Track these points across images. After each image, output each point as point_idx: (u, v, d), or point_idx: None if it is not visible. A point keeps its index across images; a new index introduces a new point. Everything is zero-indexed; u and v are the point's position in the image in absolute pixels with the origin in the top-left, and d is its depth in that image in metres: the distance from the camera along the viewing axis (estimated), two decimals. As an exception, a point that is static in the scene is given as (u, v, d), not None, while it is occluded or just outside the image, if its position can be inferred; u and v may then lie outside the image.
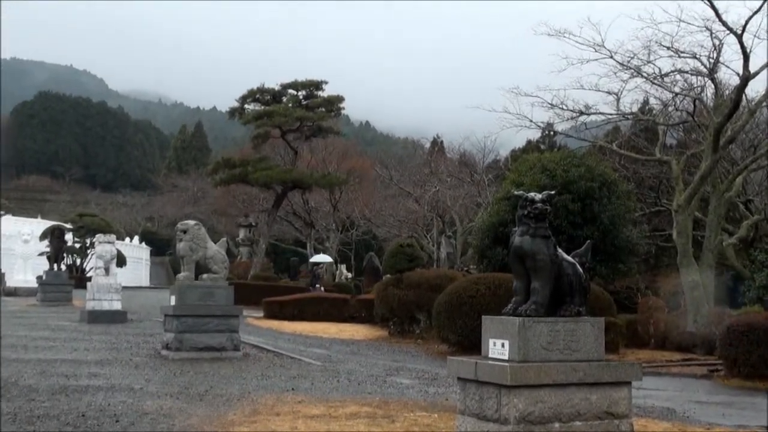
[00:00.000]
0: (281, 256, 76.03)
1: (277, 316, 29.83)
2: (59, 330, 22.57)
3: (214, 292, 17.50)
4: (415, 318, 25.49)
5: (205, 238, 17.98)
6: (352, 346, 22.69)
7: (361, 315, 30.02)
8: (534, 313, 7.39)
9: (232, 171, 47.54)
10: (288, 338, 23.71)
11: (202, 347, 17.09)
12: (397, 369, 16.95)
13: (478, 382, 7.39)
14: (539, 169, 25.81)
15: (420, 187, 53.42)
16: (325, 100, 49.08)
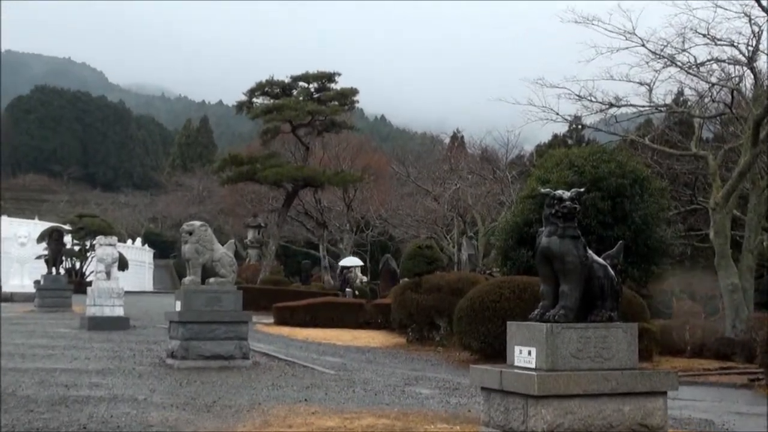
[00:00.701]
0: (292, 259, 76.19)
1: (288, 323, 29.87)
2: (58, 337, 22.68)
3: (221, 297, 17.54)
4: (434, 324, 25.47)
5: (212, 240, 18.02)
6: (367, 353, 22.70)
7: (377, 321, 30.01)
8: (563, 319, 7.38)
9: (240, 168, 47.63)
10: (300, 346, 23.75)
11: (209, 355, 17.14)
12: (416, 378, 16.94)
13: (503, 392, 7.39)
14: (566, 165, 25.75)
15: (439, 185, 53.35)
16: (338, 93, 49.09)
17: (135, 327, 26.70)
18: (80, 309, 32.16)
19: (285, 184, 48.01)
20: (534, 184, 25.58)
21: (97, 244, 28.39)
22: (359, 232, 67.19)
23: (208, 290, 17.54)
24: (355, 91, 49.44)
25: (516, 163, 54.89)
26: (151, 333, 25.01)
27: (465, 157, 57.19)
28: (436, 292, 25.30)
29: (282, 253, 70.82)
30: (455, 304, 22.14)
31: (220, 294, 17.55)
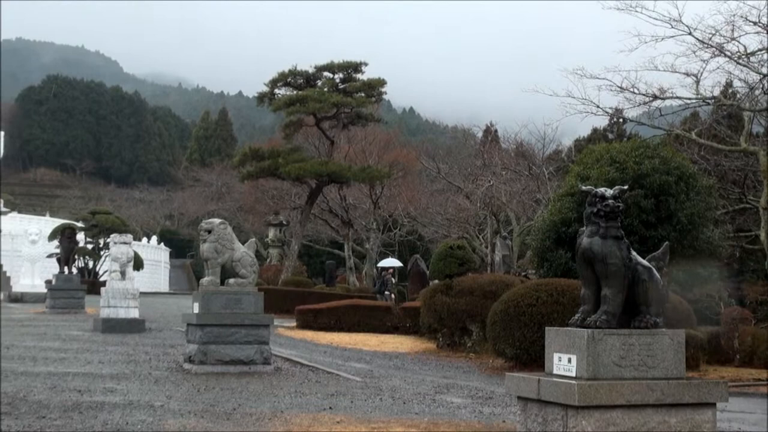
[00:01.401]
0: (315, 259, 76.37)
1: (312, 326, 29.94)
2: (71, 340, 22.87)
3: (241, 299, 17.61)
4: (466, 329, 25.43)
5: (232, 239, 18.09)
6: (395, 360, 22.71)
7: (405, 325, 30.02)
8: (605, 325, 7.35)
9: (261, 163, 47.76)
10: (324, 351, 23.80)
11: (228, 360, 17.22)
12: (447, 386, 16.93)
13: (541, 401, 7.36)
14: (607, 161, 25.61)
15: (471, 182, 53.20)
16: (364, 84, 49.10)
17: (150, 330, 26.86)
18: (93, 310, 32.40)
19: (308, 180, 48.08)
20: (573, 181, 25.47)
21: (112, 242, 28.53)
22: (386, 231, 67.21)
23: (228, 292, 17.61)
24: (383, 81, 49.43)
25: (553, 159, 54.63)
26: (168, 336, 25.16)
27: (499, 152, 56.97)
28: (468, 295, 25.25)
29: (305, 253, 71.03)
30: (488, 308, 22.09)
31: (240, 296, 17.62)
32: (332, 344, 25.99)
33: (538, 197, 47.29)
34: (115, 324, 25.91)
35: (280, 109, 49.42)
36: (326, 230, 66.66)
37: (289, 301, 36.41)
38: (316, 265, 75.03)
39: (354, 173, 47.57)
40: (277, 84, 49.37)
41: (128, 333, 25.23)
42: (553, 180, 46.18)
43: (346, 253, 56.85)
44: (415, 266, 47.37)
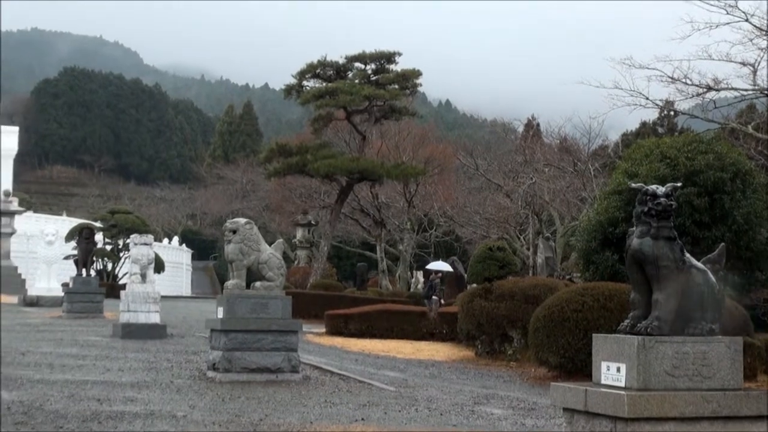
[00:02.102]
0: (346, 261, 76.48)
1: (342, 332, 29.96)
2: (89, 346, 23.04)
3: (268, 304, 17.66)
4: (507, 336, 25.36)
5: (258, 240, 18.15)
6: (431, 368, 22.69)
7: (441, 331, 29.95)
8: (656, 331, 7.30)
9: (289, 160, 47.91)
10: (355, 358, 23.82)
11: (254, 368, 17.28)
12: (487, 397, 16.90)
13: (588, 413, 7.33)
14: (657, 156, 25.44)
15: (512, 179, 53.11)
16: (398, 75, 49.11)
17: (172, 335, 27.01)
18: (112, 315, 32.62)
19: (338, 178, 48.15)
20: (620, 178, 25.34)
21: (131, 243, 28.71)
22: (421, 232, 67.21)
23: (254, 296, 17.67)
24: (418, 72, 49.41)
25: (599, 154, 54.39)
26: (190, 342, 25.28)
27: (541, 147, 56.81)
28: (508, 299, 25.18)
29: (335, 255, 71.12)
30: (530, 313, 22.02)
31: (266, 300, 17.67)
32: (364, 351, 26.00)
33: (583, 195, 47.10)
34: (135, 329, 26.06)
35: (308, 102, 49.55)
36: (357, 231, 66.75)
37: (318, 305, 36.44)
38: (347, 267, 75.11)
39: (387, 170, 47.59)
40: (305, 76, 49.49)
41: (149, 339, 25.36)
42: (599, 177, 45.97)
43: (378, 254, 56.89)
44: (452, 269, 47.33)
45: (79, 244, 37.57)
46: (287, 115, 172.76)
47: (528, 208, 50.29)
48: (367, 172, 46.95)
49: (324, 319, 31.64)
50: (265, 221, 77.54)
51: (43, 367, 18.26)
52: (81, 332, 27.31)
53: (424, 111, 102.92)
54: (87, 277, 36.31)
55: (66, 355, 20.55)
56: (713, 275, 7.80)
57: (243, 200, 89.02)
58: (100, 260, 56.83)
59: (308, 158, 46.63)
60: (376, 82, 48.82)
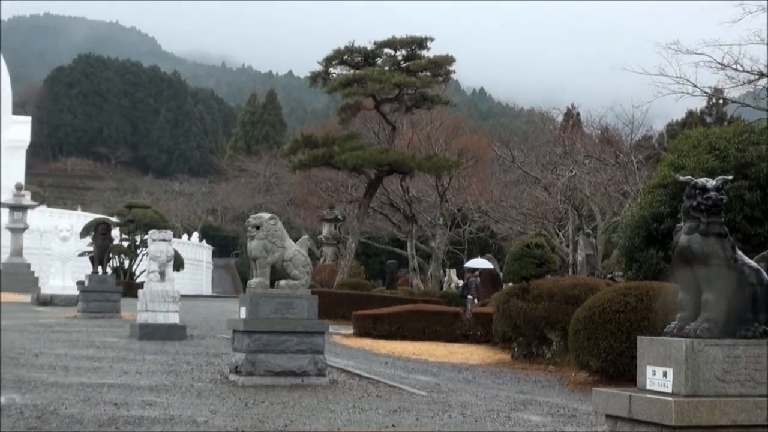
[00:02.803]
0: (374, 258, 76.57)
1: (371, 334, 30.00)
2: (105, 348, 23.19)
3: (293, 303, 17.69)
4: (545, 338, 25.31)
5: (283, 236, 18.18)
6: (465, 372, 22.68)
7: (476, 333, 29.96)
8: (706, 334, 7.26)
9: (314, 151, 47.95)
10: (385, 361, 23.85)
11: (279, 371, 17.32)
12: (524, 402, 16.87)
13: (633, 421, 7.30)
14: (706, 147, 25.29)
15: (550, 171, 52.93)
16: (430, 62, 49.00)
17: (192, 337, 27.13)
18: (130, 315, 32.81)
19: (367, 170, 48.15)
20: (666, 171, 25.21)
21: (150, 239, 28.84)
22: (454, 228, 67.14)
23: (278, 295, 17.70)
24: (451, 59, 49.28)
25: (643, 146, 54.18)
26: (211, 344, 25.39)
27: (581, 138, 56.60)
28: (547, 299, 25.11)
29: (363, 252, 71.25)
30: (570, 314, 21.96)
31: (292, 299, 17.70)
32: (394, 354, 26.03)
33: (625, 189, 46.88)
34: (153, 330, 26.20)
35: (335, 90, 49.54)
36: (387, 226, 66.78)
37: (345, 305, 36.49)
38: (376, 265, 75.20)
39: (418, 162, 47.53)
40: (332, 62, 49.48)
41: (168, 340, 25.48)
42: (642, 170, 45.77)
43: (408, 252, 56.86)
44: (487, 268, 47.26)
45: (95, 240, 37.77)
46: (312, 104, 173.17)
47: (567, 203, 50.12)
48: (397, 164, 46.91)
49: (351, 320, 31.68)
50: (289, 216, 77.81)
51: (58, 369, 18.39)
52: (97, 333, 27.48)
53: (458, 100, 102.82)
54: (103, 275, 36.53)
55: (81, 357, 20.68)
56: (767, 274, 7.75)
57: (266, 194, 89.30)
58: (117, 257, 57.17)
59: (335, 150, 46.64)
60: (407, 69, 48.72)
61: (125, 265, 59.15)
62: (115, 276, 42.89)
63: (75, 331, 27.69)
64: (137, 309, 27.68)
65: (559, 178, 50.65)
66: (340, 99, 51.41)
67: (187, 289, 62.54)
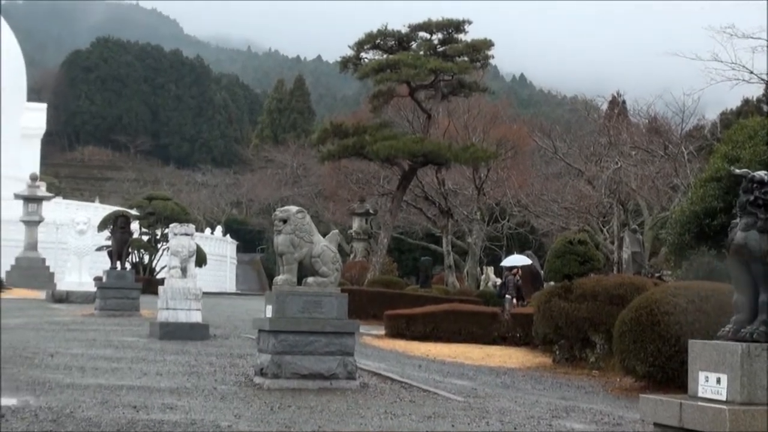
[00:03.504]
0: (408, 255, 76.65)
1: (404, 335, 29.98)
2: (124, 348, 23.31)
3: (322, 302, 17.70)
4: (588, 341, 25.23)
5: (311, 230, 18.19)
6: (504, 376, 22.64)
7: (515, 335, 29.88)
8: (764, 338, 7.20)
9: (345, 141, 47.97)
10: (418, 364, 23.84)
11: (306, 374, 17.33)
12: (566, 409, 16.82)
13: (683, 429, 7.26)
14: (763, 138, 25.12)
15: (594, 163, 52.78)
16: (468, 46, 48.89)
17: (215, 336, 27.22)
18: (149, 313, 32.95)
19: (400, 161, 48.13)
20: (719, 163, 25.06)
21: (171, 233, 28.92)
22: (492, 223, 67.08)
23: (306, 293, 17.71)
24: (490, 43, 49.14)
25: (694, 136, 53.87)
26: (235, 344, 25.46)
27: (628, 127, 56.37)
28: (590, 300, 25.01)
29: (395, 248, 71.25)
30: (615, 315, 21.86)
31: (320, 297, 17.70)
32: (428, 356, 26.01)
33: (675, 182, 46.68)
34: (174, 329, 26.29)
35: (367, 76, 49.52)
36: (421, 221, 66.81)
37: (376, 304, 36.48)
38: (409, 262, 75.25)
39: (454, 153, 47.46)
40: (363, 47, 49.46)
41: (189, 340, 25.56)
42: (693, 162, 45.53)
43: (444, 248, 56.84)
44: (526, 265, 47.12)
45: (114, 233, 37.97)
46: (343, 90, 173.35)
47: (612, 197, 49.95)
48: (432, 154, 46.85)
49: (383, 320, 31.69)
50: (317, 209, 77.92)
51: (74, 370, 18.49)
52: (115, 332, 27.63)
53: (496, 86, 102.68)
54: (122, 270, 36.69)
55: (99, 357, 20.79)
56: (829, 275, 7.67)
57: (293, 186, 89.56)
58: (136, 252, 57.42)
59: (366, 139, 46.62)
60: (443, 54, 48.62)
61: (145, 260, 59.42)
62: (135, 272, 43.05)
63: (92, 330, 27.85)
64: (157, 307, 27.80)
65: (603, 170, 50.48)
66: (372, 85, 51.38)
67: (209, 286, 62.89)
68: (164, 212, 57.57)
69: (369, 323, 33.05)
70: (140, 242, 57.61)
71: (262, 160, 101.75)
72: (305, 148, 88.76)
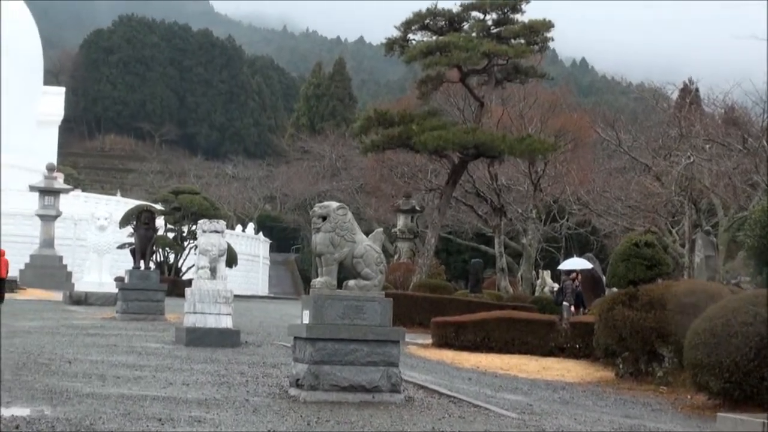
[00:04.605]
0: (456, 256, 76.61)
1: (452, 344, 29.96)
2: (148, 354, 23.44)
3: (364, 307, 17.70)
4: (655, 353, 25.13)
5: (353, 228, 18.19)
6: (561, 391, 22.58)
7: (573, 346, 29.80)
8: None
9: (389, 130, 47.91)
10: (468, 377, 23.83)
11: (346, 386, 17.34)
12: (632, 428, 16.77)
13: (765, 455, 7.21)
14: None
15: (663, 158, 52.48)
16: (524, 28, 48.68)
17: (247, 343, 27.31)
18: (175, 317, 33.13)
19: (450, 153, 48.06)
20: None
21: (199, 230, 29.02)
22: (550, 222, 66.90)
23: (347, 297, 17.72)
24: (549, 24, 48.90)
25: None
26: (269, 352, 25.53)
27: (701, 118, 56.04)
28: (658, 308, 24.92)
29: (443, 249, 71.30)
30: (686, 325, 21.75)
31: (362, 302, 17.70)
32: (479, 368, 25.99)
33: (754, 179, 46.34)
34: (202, 335, 26.40)
35: (414, 59, 49.44)
36: (471, 219, 66.74)
37: (422, 310, 36.52)
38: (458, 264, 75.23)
39: (509, 145, 47.31)
40: (411, 27, 49.39)
41: (219, 347, 25.67)
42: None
43: (496, 249, 56.72)
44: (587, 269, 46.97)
45: (137, 230, 38.25)
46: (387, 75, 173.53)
47: (683, 195, 49.66)
48: (484, 146, 46.74)
49: (430, 328, 31.68)
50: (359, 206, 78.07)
51: (94, 378, 18.61)
52: (138, 337, 27.80)
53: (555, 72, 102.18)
54: (145, 270, 36.91)
55: (121, 365, 20.92)
56: None
57: (332, 180, 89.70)
58: (161, 250, 57.76)
59: (413, 129, 46.56)
60: (498, 36, 48.48)
61: (170, 259, 59.78)
62: (159, 272, 43.38)
63: (113, 335, 28.03)
64: (184, 310, 27.91)
65: (673, 165, 50.19)
66: (419, 70, 51.34)
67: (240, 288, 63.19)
68: (191, 207, 57.89)
69: (414, 331, 33.06)
70: (165, 240, 57.95)
71: (298, 151, 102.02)
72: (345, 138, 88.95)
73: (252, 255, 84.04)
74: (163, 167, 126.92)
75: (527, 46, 48.68)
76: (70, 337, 26.95)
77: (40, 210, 61.50)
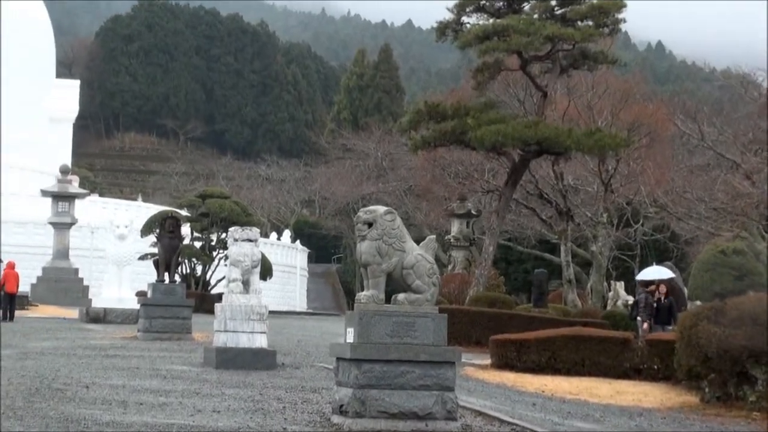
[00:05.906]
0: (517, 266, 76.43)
1: (514, 365, 29.90)
2: (174, 378, 23.52)
3: (415, 324, 17.67)
4: (747, 375, 24.96)
5: (402, 236, 18.15)
6: (638, 418, 22.50)
7: (651, 367, 29.67)
8: None
9: (442, 125, 47.87)
10: (532, 402, 23.78)
11: (395, 412, 17.32)
12: (719, 460, 16.66)
13: None
14: None
15: (753, 154, 52.18)
16: (592, 8, 48.51)
17: (284, 365, 27.35)
18: (204, 336, 33.24)
19: (509, 150, 47.98)
20: None
21: (230, 238, 29.03)
22: (623, 227, 66.55)
23: (396, 313, 17.70)
24: (621, 4, 48.70)
25: None
26: (308, 375, 25.56)
27: (796, 108, 55.73)
28: (749, 324, 24.76)
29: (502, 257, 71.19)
30: (782, 343, 21.63)
31: (413, 318, 17.68)
32: (544, 393, 25.93)
33: None
34: (234, 356, 26.46)
35: (469, 45, 49.38)
36: (534, 224, 66.62)
37: (480, 327, 36.50)
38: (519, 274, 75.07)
39: (576, 140, 47.15)
40: (465, 9, 49.36)
41: (252, 369, 25.73)
42: None
43: (562, 258, 56.60)
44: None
45: (160, 239, 38.32)
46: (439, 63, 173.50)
47: (776, 195, 49.41)
48: (548, 142, 46.61)
49: (489, 347, 31.63)
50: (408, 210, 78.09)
51: (114, 405, 18.68)
52: (162, 359, 27.89)
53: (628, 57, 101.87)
54: (170, 284, 36.98)
55: (143, 390, 21.00)
56: None
57: (378, 181, 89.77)
58: (188, 262, 57.90)
59: (468, 123, 46.51)
60: (563, 18, 48.36)
61: (198, 271, 59.92)
62: (186, 286, 43.45)
63: (135, 357, 28.15)
64: (213, 329, 27.99)
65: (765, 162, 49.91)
66: (474, 57, 51.28)
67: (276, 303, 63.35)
68: (221, 213, 57.96)
69: (471, 350, 33.04)
70: (192, 250, 58.07)
71: (339, 149, 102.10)
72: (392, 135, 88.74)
73: (289, 266, 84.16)
74: (189, 168, 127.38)
75: (596, 29, 48.51)
76: (88, 359, 27.08)
77: (54, 217, 61.70)
